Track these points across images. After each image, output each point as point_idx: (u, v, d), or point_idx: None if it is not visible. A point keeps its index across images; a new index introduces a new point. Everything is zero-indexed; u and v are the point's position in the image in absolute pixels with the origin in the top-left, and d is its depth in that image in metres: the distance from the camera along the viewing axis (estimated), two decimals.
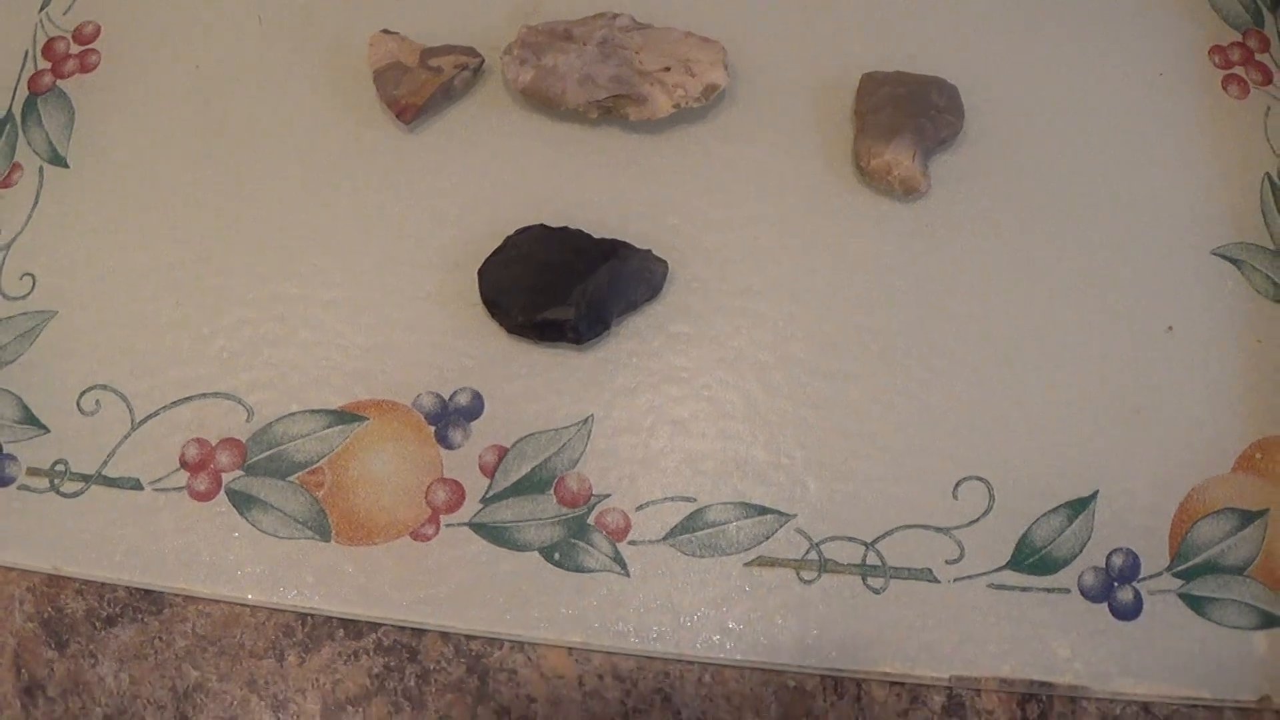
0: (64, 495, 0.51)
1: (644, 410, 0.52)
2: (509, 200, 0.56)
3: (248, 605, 0.49)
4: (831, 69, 0.59)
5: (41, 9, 0.62)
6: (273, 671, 0.48)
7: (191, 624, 0.49)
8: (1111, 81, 0.60)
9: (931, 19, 0.61)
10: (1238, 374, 0.54)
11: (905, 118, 0.56)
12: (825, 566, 0.50)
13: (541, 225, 0.54)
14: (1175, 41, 0.62)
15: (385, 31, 0.58)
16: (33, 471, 0.51)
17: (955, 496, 0.51)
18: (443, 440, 0.51)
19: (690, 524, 0.50)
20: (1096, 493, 0.51)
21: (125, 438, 0.52)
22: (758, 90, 0.59)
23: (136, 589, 0.50)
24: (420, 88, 0.56)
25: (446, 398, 0.52)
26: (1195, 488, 0.52)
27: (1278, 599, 0.50)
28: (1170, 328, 0.55)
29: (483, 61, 0.58)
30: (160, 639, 0.49)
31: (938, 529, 0.51)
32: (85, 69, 0.60)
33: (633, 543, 0.50)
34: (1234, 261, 0.57)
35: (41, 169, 0.57)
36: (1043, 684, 0.49)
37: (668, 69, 0.56)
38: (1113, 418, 0.53)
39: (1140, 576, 0.50)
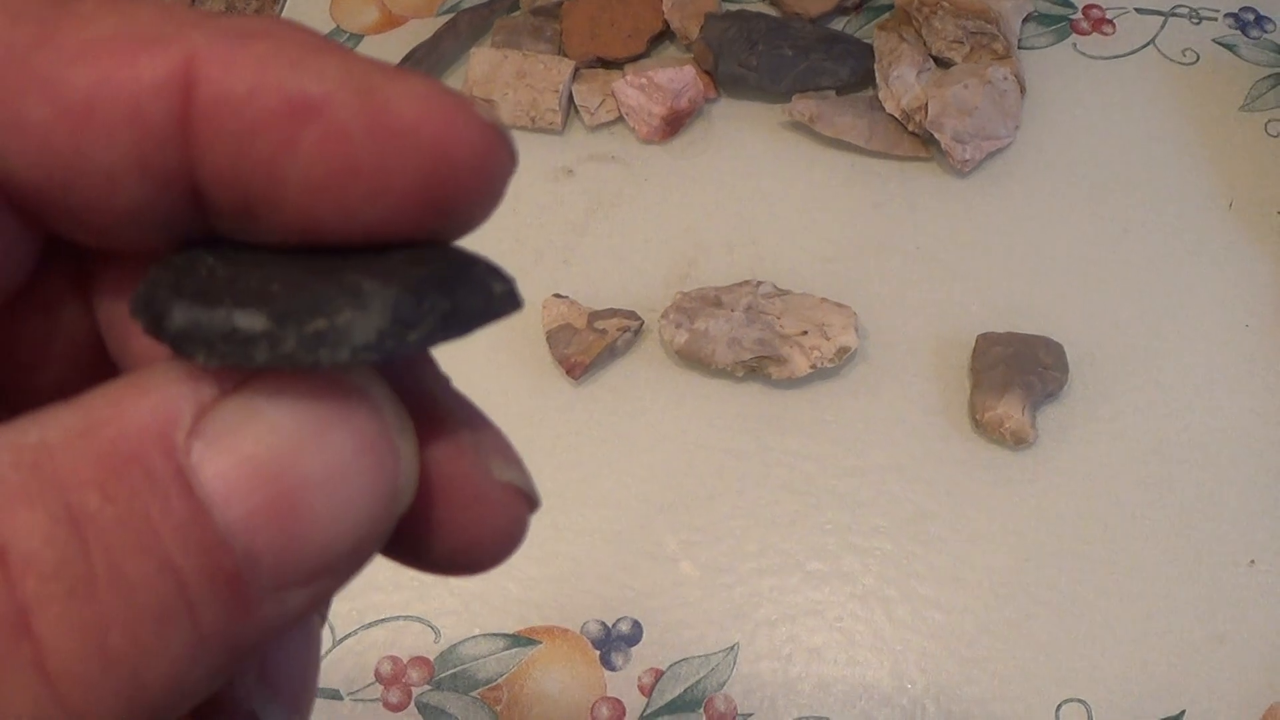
0: None
1: (783, 639, 0.61)
2: (665, 449, 0.66)
3: None
4: (950, 329, 0.69)
5: None
6: None
7: None
8: (1200, 334, 0.70)
9: (1039, 283, 0.71)
10: None
11: (1015, 374, 0.65)
12: None
13: None
14: (1260, 294, 0.71)
15: (556, 296, 0.70)
16: None
17: (1058, 716, 0.59)
18: (606, 663, 0.61)
19: None
20: (1184, 712, 0.59)
21: (327, 653, 0.62)
22: (885, 349, 0.69)
23: None
24: (588, 348, 0.67)
25: (610, 625, 0.62)
26: (1274, 705, 0.60)
27: None
28: (1253, 562, 0.63)
29: (642, 324, 0.69)
30: None
31: None
32: None
33: None
34: None
35: None
36: None
37: (805, 333, 0.66)
38: (1198, 645, 0.61)
39: None
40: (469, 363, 0.69)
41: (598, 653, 0.61)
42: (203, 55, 0.19)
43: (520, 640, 0.62)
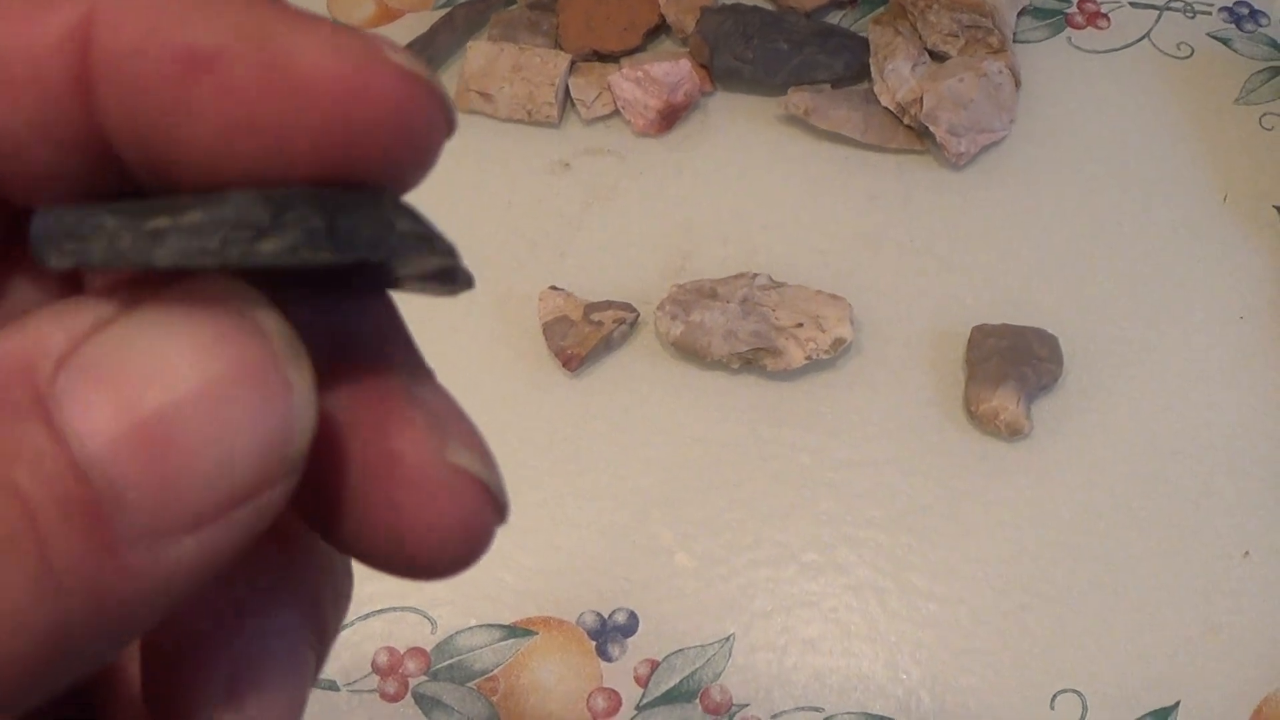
0: None
1: (778, 630, 0.62)
2: (661, 441, 0.66)
3: None
4: (945, 321, 0.70)
5: None
6: None
7: None
8: (1195, 327, 0.70)
9: (1034, 276, 0.72)
10: None
11: (1010, 366, 0.65)
12: None
13: None
14: (1255, 287, 0.71)
15: (552, 288, 0.70)
16: None
17: (1052, 707, 0.60)
18: (602, 654, 0.61)
19: None
20: (1178, 702, 0.60)
21: None
22: (880, 341, 0.69)
23: None
24: (584, 340, 0.67)
25: (606, 616, 0.62)
26: (1268, 696, 0.60)
27: None
28: (1247, 553, 0.63)
29: (638, 316, 0.69)
30: None
31: None
32: None
33: None
34: None
35: None
36: None
37: (800, 324, 0.66)
38: (1193, 636, 0.61)
39: None
40: (464, 354, 0.69)
41: (594, 643, 0.62)
42: (100, 8, 0.18)
43: (516, 631, 0.62)
